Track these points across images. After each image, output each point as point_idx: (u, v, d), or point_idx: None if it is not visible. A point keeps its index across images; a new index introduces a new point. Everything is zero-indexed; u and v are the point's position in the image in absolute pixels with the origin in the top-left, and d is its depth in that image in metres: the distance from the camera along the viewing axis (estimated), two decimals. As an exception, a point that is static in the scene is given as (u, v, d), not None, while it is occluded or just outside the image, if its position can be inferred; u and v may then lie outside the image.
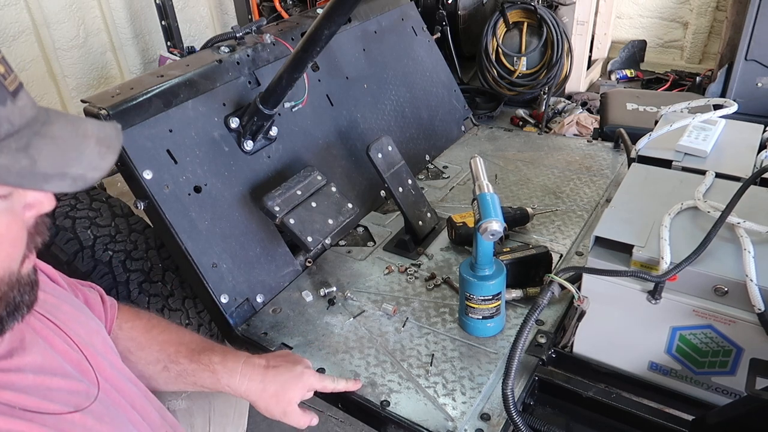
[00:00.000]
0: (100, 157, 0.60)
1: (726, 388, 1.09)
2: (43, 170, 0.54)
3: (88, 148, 0.59)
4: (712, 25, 4.30)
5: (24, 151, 0.53)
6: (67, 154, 0.57)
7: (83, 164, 0.58)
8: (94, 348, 0.84)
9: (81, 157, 0.58)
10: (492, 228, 1.17)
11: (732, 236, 1.06)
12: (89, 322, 0.88)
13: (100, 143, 0.60)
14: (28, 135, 0.55)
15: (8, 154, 0.52)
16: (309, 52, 1.36)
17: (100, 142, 0.60)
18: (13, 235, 0.59)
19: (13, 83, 0.55)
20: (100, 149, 0.60)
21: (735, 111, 1.55)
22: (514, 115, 3.81)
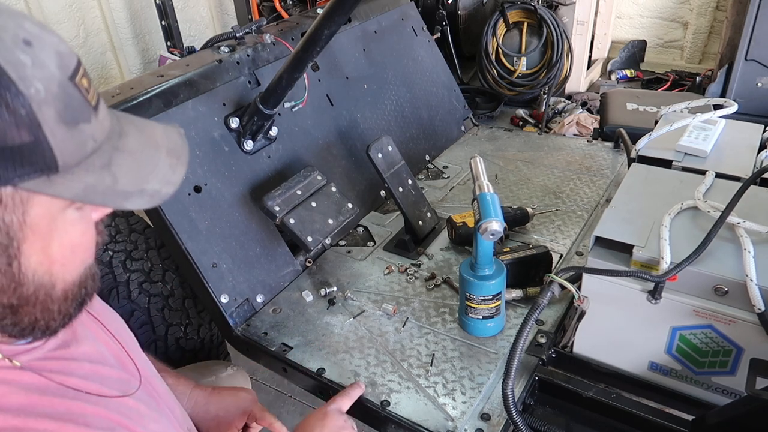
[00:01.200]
0: (171, 170, 0.61)
1: (726, 388, 1.09)
2: (123, 188, 0.56)
3: (160, 161, 0.60)
4: (712, 25, 4.30)
5: (107, 169, 0.55)
6: (143, 169, 0.58)
7: (158, 179, 0.59)
8: (124, 341, 0.86)
9: (156, 172, 0.59)
10: (492, 228, 1.17)
11: (732, 236, 1.06)
12: (115, 316, 0.90)
13: (170, 155, 0.62)
14: (109, 150, 0.56)
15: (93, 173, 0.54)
16: (309, 52, 1.36)
17: (170, 154, 0.62)
18: (87, 241, 0.62)
19: (94, 97, 0.56)
20: (171, 161, 0.61)
21: (735, 111, 1.55)
22: (514, 115, 3.81)
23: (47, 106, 0.50)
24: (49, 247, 0.57)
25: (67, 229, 0.58)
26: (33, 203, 0.53)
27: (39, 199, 0.53)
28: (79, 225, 0.59)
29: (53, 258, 0.58)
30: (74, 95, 0.53)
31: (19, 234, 0.53)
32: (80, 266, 0.63)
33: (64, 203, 0.56)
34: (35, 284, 0.57)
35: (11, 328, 0.59)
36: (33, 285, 0.57)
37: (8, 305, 0.57)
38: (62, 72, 0.52)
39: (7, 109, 0.47)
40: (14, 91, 0.48)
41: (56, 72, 0.51)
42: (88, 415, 0.63)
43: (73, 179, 0.53)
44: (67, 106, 0.51)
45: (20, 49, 0.49)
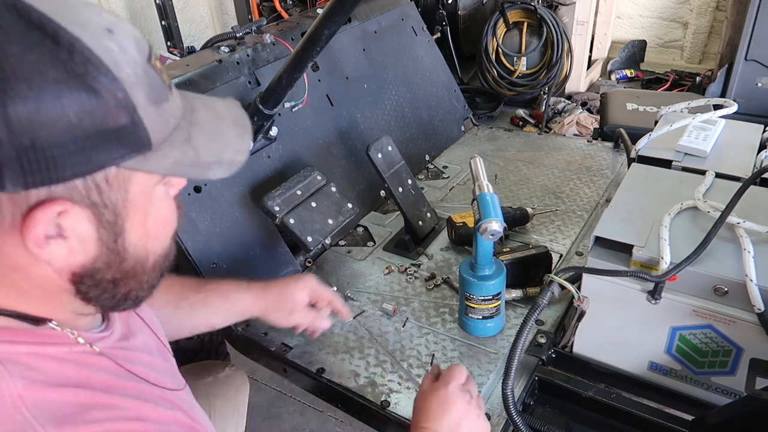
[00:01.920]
0: (240, 139, 0.65)
1: (726, 388, 1.09)
2: (205, 159, 0.60)
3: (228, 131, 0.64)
4: (712, 25, 4.30)
5: (188, 143, 0.59)
6: (217, 140, 0.62)
7: (231, 148, 0.63)
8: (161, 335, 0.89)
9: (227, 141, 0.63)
10: (492, 228, 1.17)
11: (732, 236, 1.06)
12: (150, 310, 0.91)
13: (235, 125, 0.65)
14: (186, 126, 0.60)
15: (178, 148, 0.58)
16: (309, 52, 1.36)
17: (235, 124, 0.65)
18: (173, 215, 0.66)
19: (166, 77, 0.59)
20: (237, 130, 0.65)
21: (735, 111, 1.55)
22: (514, 115, 3.81)
23: (137, 88, 0.53)
24: (146, 223, 0.61)
25: (159, 205, 0.62)
26: (132, 181, 0.57)
27: (137, 177, 0.57)
28: (166, 201, 0.64)
29: (149, 232, 0.62)
30: (154, 77, 0.56)
31: (123, 212, 0.58)
32: (167, 239, 0.67)
33: (156, 180, 0.60)
34: (134, 258, 0.62)
35: (108, 301, 0.64)
36: (132, 259, 0.62)
37: (111, 280, 0.61)
38: (141, 56, 0.55)
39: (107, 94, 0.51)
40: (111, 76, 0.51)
41: (137, 56, 0.54)
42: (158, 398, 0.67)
43: (163, 155, 0.56)
44: (152, 87, 0.55)
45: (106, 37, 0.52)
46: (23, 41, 0.48)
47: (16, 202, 0.51)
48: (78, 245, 0.56)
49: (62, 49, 0.49)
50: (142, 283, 0.66)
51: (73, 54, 0.49)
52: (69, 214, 0.53)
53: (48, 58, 0.48)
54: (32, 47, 0.48)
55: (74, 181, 0.52)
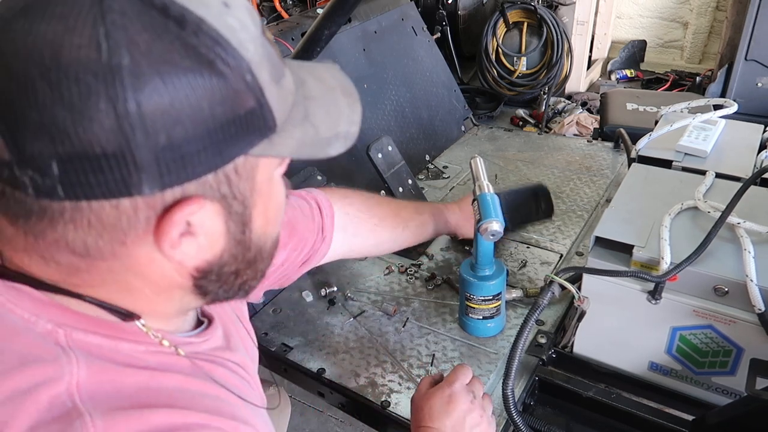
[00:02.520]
0: (350, 109, 0.61)
1: (726, 388, 1.09)
2: (324, 135, 0.56)
3: (340, 102, 0.60)
4: (712, 25, 4.30)
5: (307, 120, 0.55)
6: (332, 113, 0.58)
7: (345, 120, 0.59)
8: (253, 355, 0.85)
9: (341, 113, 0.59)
10: (492, 228, 1.17)
11: (732, 236, 1.06)
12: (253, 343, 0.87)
13: (345, 94, 0.61)
14: (301, 101, 0.55)
15: (298, 126, 0.53)
16: (309, 52, 1.36)
17: (344, 93, 0.61)
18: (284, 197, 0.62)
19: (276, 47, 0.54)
20: (348, 100, 0.61)
21: (735, 111, 1.55)
22: (514, 115, 3.81)
23: (262, 67, 0.49)
24: (268, 210, 0.58)
25: (278, 190, 0.60)
26: (258, 168, 0.54)
27: (263, 162, 0.54)
28: (281, 184, 0.61)
29: (269, 219, 0.59)
30: (271, 51, 0.52)
31: (250, 201, 0.54)
32: (281, 223, 0.64)
33: (277, 163, 0.57)
34: (257, 247, 0.59)
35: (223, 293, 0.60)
36: (255, 248, 0.59)
37: (234, 271, 0.58)
38: (257, 29, 0.50)
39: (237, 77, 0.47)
40: (238, 58, 0.47)
41: (254, 30, 0.49)
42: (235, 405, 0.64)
43: (287, 136, 0.52)
44: (273, 64, 0.51)
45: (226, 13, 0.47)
46: (150, 28, 0.43)
47: (151, 205, 0.48)
48: (206, 241, 0.53)
49: (189, 32, 0.44)
50: (257, 271, 0.62)
51: (200, 37, 0.45)
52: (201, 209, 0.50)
53: (177, 44, 0.44)
54: (160, 33, 0.43)
55: (206, 176, 0.49)
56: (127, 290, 0.55)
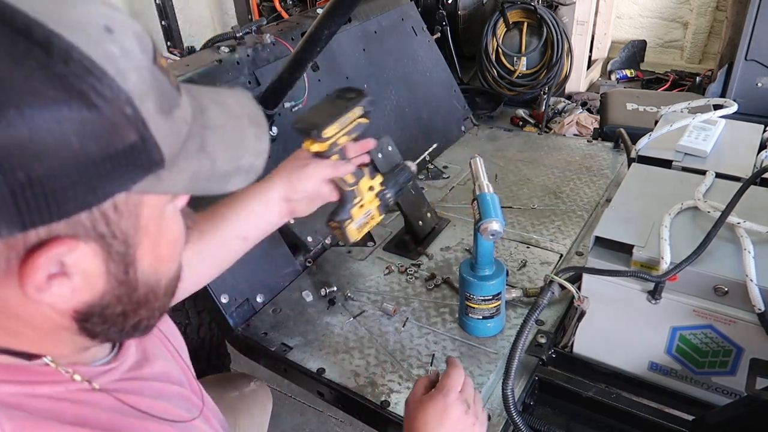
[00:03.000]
0: (257, 139, 0.58)
1: (726, 388, 1.09)
2: (222, 169, 0.53)
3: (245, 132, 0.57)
4: (712, 25, 4.29)
5: (203, 152, 0.51)
6: (234, 144, 0.55)
7: (249, 152, 0.56)
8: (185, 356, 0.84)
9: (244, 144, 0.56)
10: (492, 228, 1.17)
11: (732, 236, 1.06)
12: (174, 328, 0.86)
13: (252, 123, 0.58)
14: (198, 130, 0.52)
15: (193, 159, 0.50)
16: (309, 52, 1.36)
17: (252, 122, 0.58)
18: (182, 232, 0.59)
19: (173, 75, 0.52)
20: (255, 130, 0.58)
21: (735, 111, 1.55)
22: (514, 115, 3.81)
23: (146, 98, 0.46)
24: (158, 247, 0.55)
25: (170, 226, 0.56)
26: (144, 204, 0.50)
27: (149, 199, 0.51)
28: (176, 219, 0.57)
29: (161, 257, 0.56)
30: (162, 80, 0.48)
31: (134, 239, 0.51)
32: (178, 259, 0.61)
33: (168, 199, 0.54)
34: (146, 287, 0.56)
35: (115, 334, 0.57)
36: (144, 288, 0.56)
37: (121, 313, 0.55)
38: (146, 56, 0.47)
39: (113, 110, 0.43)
40: (115, 88, 0.43)
41: (142, 57, 0.46)
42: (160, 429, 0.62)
43: (178, 171, 0.49)
44: (161, 94, 0.47)
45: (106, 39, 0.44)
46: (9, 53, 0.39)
47: (11, 246, 0.44)
48: (83, 282, 0.49)
49: (56, 60, 0.41)
50: (153, 311, 0.59)
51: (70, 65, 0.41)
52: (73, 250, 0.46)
53: (41, 73, 0.40)
54: (21, 60, 0.40)
55: (79, 215, 0.45)
56: (9, 334, 0.52)
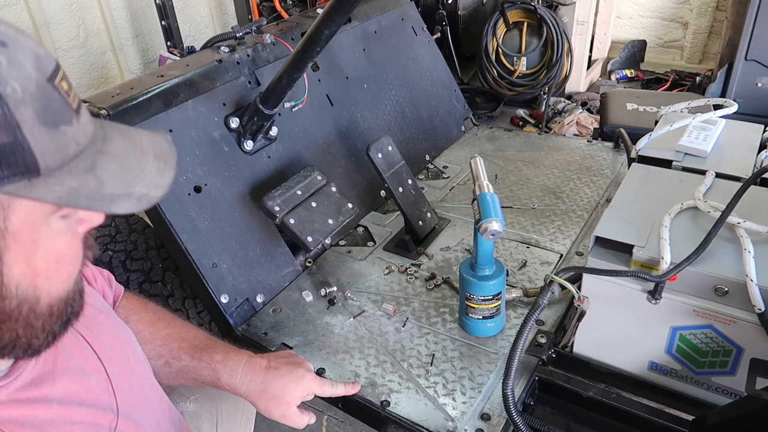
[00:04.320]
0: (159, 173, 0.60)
1: (726, 388, 1.09)
2: (110, 191, 0.54)
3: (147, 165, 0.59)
4: (712, 25, 4.30)
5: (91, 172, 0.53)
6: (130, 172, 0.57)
7: (145, 182, 0.58)
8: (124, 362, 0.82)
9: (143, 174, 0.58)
10: (492, 228, 1.17)
11: (732, 236, 1.06)
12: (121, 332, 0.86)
13: (157, 158, 0.60)
14: (92, 154, 0.55)
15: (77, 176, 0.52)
16: (309, 52, 1.36)
17: (157, 158, 0.60)
18: (74, 253, 0.60)
19: (75, 100, 0.55)
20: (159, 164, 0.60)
21: (735, 111, 1.55)
22: (514, 115, 3.81)
23: (25, 106, 0.48)
24: (33, 258, 0.54)
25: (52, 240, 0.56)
26: (14, 209, 0.51)
27: (21, 205, 0.51)
28: (65, 236, 0.57)
29: (37, 270, 0.55)
30: (53, 97, 0.51)
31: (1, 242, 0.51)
32: (66, 280, 0.60)
33: (48, 211, 0.54)
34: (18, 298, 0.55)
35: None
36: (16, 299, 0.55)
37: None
38: (39, 73, 0.50)
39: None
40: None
41: (33, 73, 0.50)
42: None
43: (55, 182, 0.51)
44: (46, 108, 0.50)
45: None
46: None
47: None
48: None
49: None
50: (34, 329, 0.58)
51: None
52: None
53: None
54: None
55: None
56: None
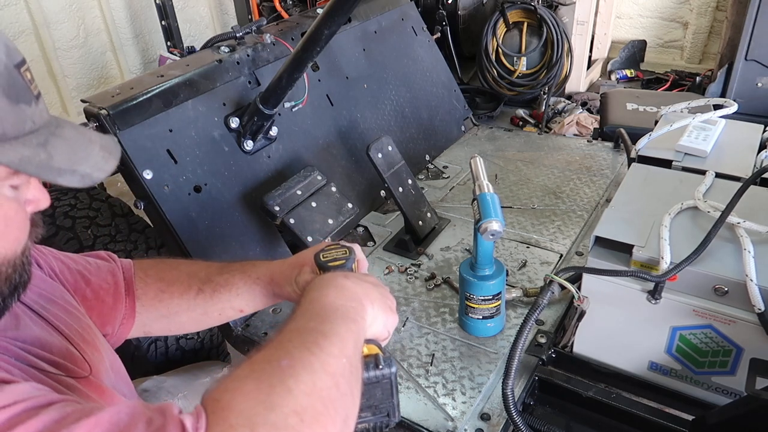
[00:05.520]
0: (104, 160, 0.68)
1: (726, 388, 1.09)
2: (57, 165, 0.62)
3: (93, 151, 0.67)
4: (712, 25, 4.30)
5: (43, 147, 0.61)
6: (78, 153, 0.65)
7: (90, 164, 0.66)
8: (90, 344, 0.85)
9: (89, 158, 0.66)
10: (492, 228, 1.17)
11: (732, 236, 1.06)
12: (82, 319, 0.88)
13: (103, 149, 0.68)
14: (46, 134, 0.63)
15: (30, 148, 0.60)
16: (309, 52, 1.36)
17: (103, 148, 0.68)
18: (20, 220, 0.66)
19: (36, 89, 0.64)
20: (104, 154, 0.68)
21: (735, 111, 1.55)
22: (514, 115, 3.81)
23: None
24: None
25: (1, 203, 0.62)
26: None
27: None
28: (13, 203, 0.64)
29: None
30: (17, 79, 0.60)
31: None
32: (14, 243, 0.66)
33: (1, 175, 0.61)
34: None
35: None
36: None
37: None
38: (9, 59, 0.60)
39: None
40: None
41: (4, 57, 0.59)
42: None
43: (9, 149, 0.59)
44: (11, 85, 0.59)
45: None
46: None
47: None
48: None
49: None
50: None
51: None
52: None
53: None
54: None
55: None
56: None
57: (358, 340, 0.72)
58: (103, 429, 0.52)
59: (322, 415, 0.58)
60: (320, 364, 0.62)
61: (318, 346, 0.64)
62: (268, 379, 0.58)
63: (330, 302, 0.74)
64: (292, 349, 0.63)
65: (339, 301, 0.74)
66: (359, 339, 0.72)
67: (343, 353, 0.65)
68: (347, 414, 0.63)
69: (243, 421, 0.54)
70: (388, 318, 0.81)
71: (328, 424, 0.58)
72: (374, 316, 0.78)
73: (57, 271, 0.92)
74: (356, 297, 0.77)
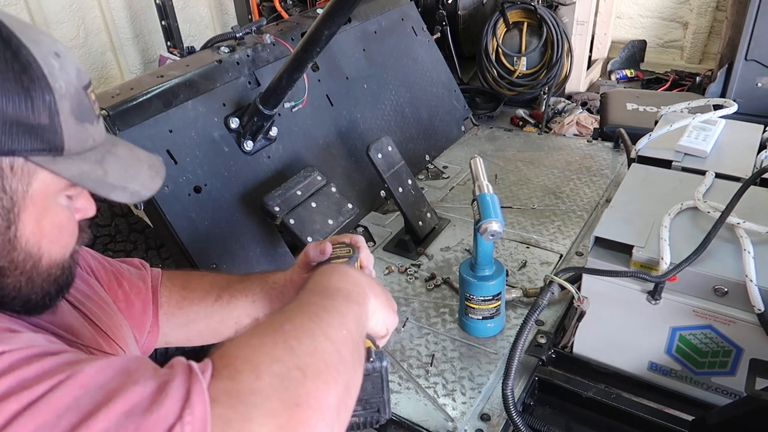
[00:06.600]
0: (151, 179, 0.73)
1: (726, 388, 1.09)
2: (111, 181, 0.68)
3: (142, 170, 0.73)
4: (712, 25, 4.29)
5: (100, 164, 0.67)
6: (129, 171, 0.71)
7: (139, 182, 0.71)
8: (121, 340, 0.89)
9: (138, 176, 0.72)
10: (492, 228, 1.17)
11: (732, 236, 1.06)
12: (115, 317, 0.91)
13: (151, 168, 0.74)
14: (103, 152, 0.68)
15: (89, 164, 0.66)
16: (309, 52, 1.36)
17: (151, 168, 0.74)
18: (72, 227, 0.71)
19: (97, 109, 0.69)
20: (151, 173, 0.74)
21: (735, 111, 1.55)
22: (514, 115, 3.81)
23: (65, 100, 0.62)
24: (42, 221, 0.66)
25: (58, 211, 0.67)
26: (36, 177, 0.62)
27: (42, 175, 0.63)
28: (67, 211, 0.69)
29: (44, 232, 0.66)
30: (85, 100, 0.66)
31: (21, 202, 0.62)
32: (64, 247, 0.71)
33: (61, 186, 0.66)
34: (25, 252, 0.66)
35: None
36: (23, 252, 0.65)
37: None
38: (79, 81, 0.65)
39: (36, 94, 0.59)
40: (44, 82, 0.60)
41: (75, 80, 0.65)
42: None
43: (72, 164, 0.64)
44: (79, 106, 0.64)
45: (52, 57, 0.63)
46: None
47: None
48: None
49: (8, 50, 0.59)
50: (34, 284, 0.68)
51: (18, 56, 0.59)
52: None
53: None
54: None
55: None
56: None
57: (360, 320, 0.73)
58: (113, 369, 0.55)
59: (323, 373, 0.60)
60: (321, 331, 0.64)
61: (318, 316, 0.67)
62: (272, 337, 0.61)
63: (333, 284, 0.76)
64: (294, 317, 0.66)
65: (342, 284, 0.77)
66: (360, 320, 0.74)
67: (343, 326, 0.68)
68: (349, 380, 0.64)
69: (249, 367, 0.56)
70: (389, 315, 0.82)
71: (330, 382, 0.60)
72: (375, 307, 0.79)
73: (93, 269, 0.95)
74: (360, 284, 0.79)
